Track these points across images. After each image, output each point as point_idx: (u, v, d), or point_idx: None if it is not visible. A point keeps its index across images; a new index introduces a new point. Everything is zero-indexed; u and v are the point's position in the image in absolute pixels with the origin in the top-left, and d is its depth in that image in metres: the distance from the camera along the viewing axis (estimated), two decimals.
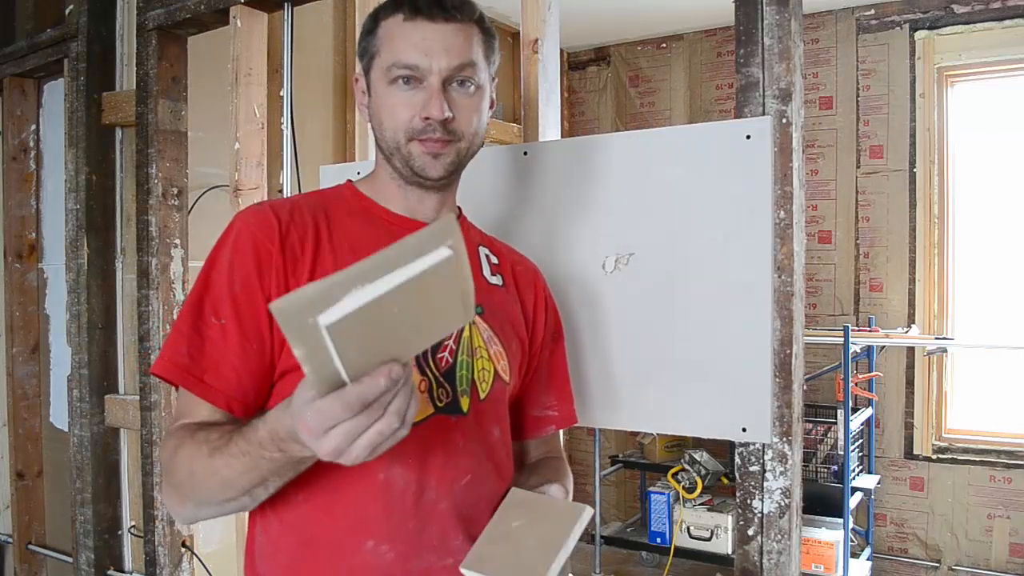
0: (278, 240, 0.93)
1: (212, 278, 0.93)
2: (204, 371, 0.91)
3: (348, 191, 1.06)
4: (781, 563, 1.15)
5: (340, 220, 1.01)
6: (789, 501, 1.15)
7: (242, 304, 0.91)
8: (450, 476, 0.96)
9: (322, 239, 0.97)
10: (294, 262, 0.94)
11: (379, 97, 1.00)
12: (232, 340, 0.91)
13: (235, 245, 0.94)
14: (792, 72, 1.15)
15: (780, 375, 1.15)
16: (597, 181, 1.30)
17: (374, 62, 1.00)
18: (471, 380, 1.00)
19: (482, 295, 1.05)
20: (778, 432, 1.15)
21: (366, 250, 0.91)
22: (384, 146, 1.01)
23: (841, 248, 3.72)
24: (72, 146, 2.29)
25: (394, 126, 0.98)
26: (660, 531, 3.57)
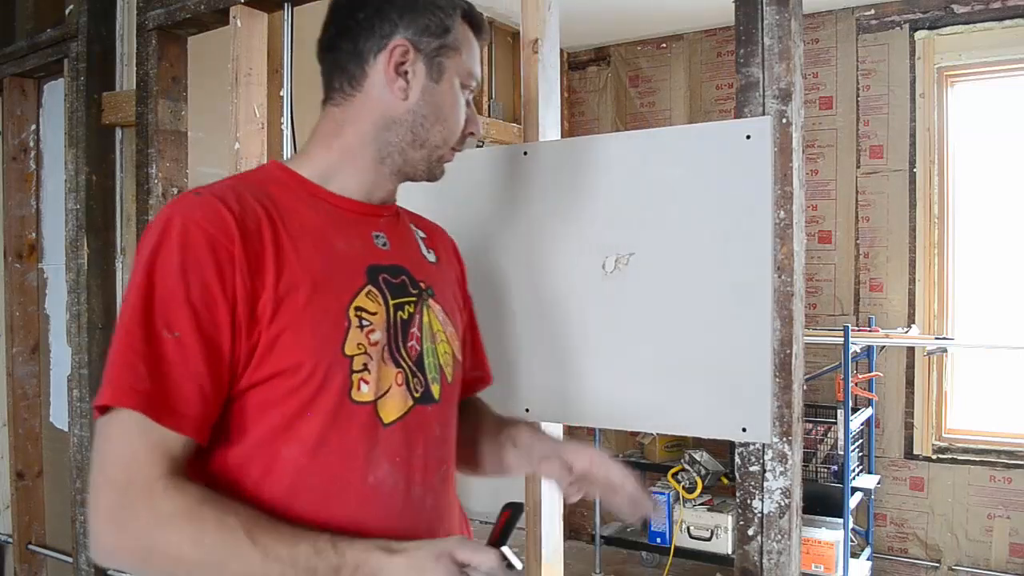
0: (237, 235, 0.83)
1: (158, 284, 0.81)
2: (168, 395, 0.79)
3: (284, 174, 0.96)
4: (781, 563, 1.15)
5: (287, 205, 0.92)
6: (789, 501, 1.15)
7: (201, 313, 0.80)
8: (432, 469, 0.96)
9: (277, 226, 0.88)
10: (257, 259, 0.84)
11: (450, 94, 0.98)
12: (194, 356, 0.80)
13: (184, 244, 0.81)
14: (792, 72, 1.15)
15: (780, 375, 1.15)
16: (597, 181, 1.30)
17: (451, 56, 0.97)
18: (439, 366, 0.99)
19: (429, 276, 1.03)
20: (778, 432, 1.15)
21: (321, 235, 0.91)
22: (418, 138, 0.97)
23: (841, 248, 3.72)
24: (72, 146, 2.29)
25: (453, 129, 0.99)
26: (660, 531, 3.57)
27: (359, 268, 0.93)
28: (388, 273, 0.96)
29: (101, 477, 0.79)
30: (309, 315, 0.86)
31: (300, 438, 0.86)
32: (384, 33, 0.95)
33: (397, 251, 1.00)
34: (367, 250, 0.96)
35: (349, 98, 0.98)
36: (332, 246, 0.92)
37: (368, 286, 0.93)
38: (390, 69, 0.95)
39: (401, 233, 1.04)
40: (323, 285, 0.88)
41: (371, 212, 1.00)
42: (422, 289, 1.00)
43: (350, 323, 0.89)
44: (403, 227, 1.06)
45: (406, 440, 0.92)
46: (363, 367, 0.89)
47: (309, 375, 0.85)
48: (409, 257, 1.02)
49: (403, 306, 0.96)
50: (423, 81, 0.96)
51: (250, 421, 0.86)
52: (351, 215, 0.97)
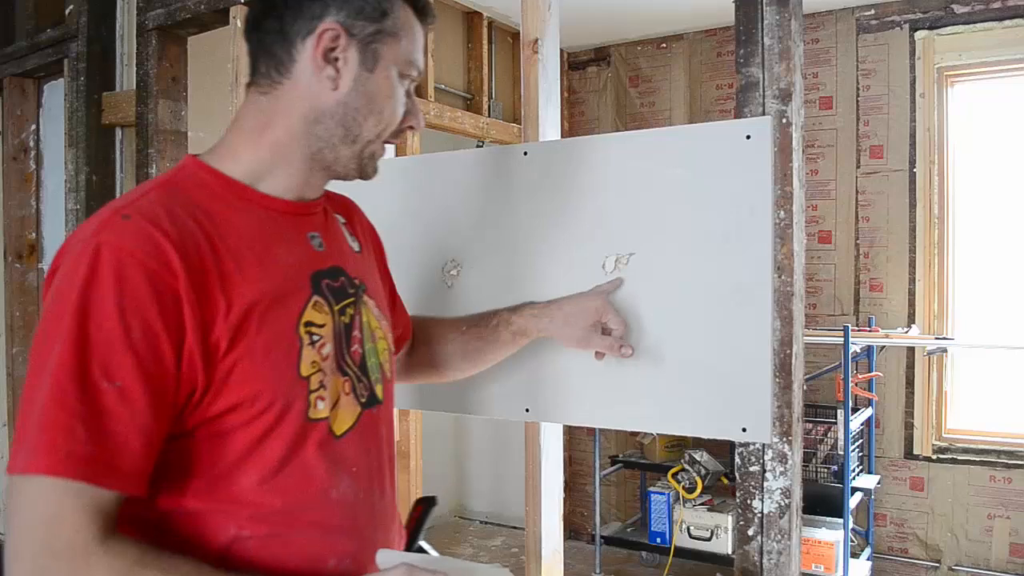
0: (180, 268, 0.75)
1: (93, 330, 0.71)
2: (114, 455, 0.71)
3: (209, 176, 0.87)
4: (781, 563, 1.15)
5: (221, 216, 0.84)
6: (789, 501, 1.15)
7: (145, 357, 0.72)
8: (383, 471, 0.95)
9: (217, 248, 0.80)
10: (204, 290, 0.77)
11: (386, 83, 0.90)
12: (140, 406, 0.72)
13: (120, 281, 0.73)
14: (792, 72, 1.15)
15: (780, 375, 1.15)
16: (597, 181, 1.30)
17: (389, 42, 0.89)
18: (379, 365, 0.97)
19: (359, 269, 0.99)
20: (778, 432, 1.15)
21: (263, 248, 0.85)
22: (349, 130, 0.89)
23: (841, 248, 3.72)
24: (72, 146, 2.29)
25: (389, 121, 0.91)
26: (660, 531, 3.57)
27: (303, 277, 0.88)
28: (329, 277, 0.92)
29: (22, 543, 0.69)
30: (262, 340, 0.81)
31: (260, 465, 0.82)
32: (313, 15, 0.86)
33: (331, 250, 0.95)
34: (307, 255, 0.91)
35: (276, 85, 0.89)
36: (274, 257, 0.86)
37: (314, 297, 0.88)
38: (318, 55, 0.86)
39: (331, 228, 0.98)
40: (271, 304, 0.83)
41: (304, 211, 0.93)
42: (357, 286, 0.96)
43: (302, 342, 0.84)
44: (331, 219, 1.00)
45: (360, 448, 0.90)
46: (319, 385, 0.85)
47: (268, 404, 0.81)
48: (341, 253, 0.97)
49: (344, 310, 0.92)
50: (355, 70, 0.88)
51: (204, 455, 0.80)
52: (286, 217, 0.90)
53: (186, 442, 0.80)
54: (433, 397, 1.44)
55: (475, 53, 3.80)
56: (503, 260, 1.39)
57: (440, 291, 1.43)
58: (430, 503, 1.08)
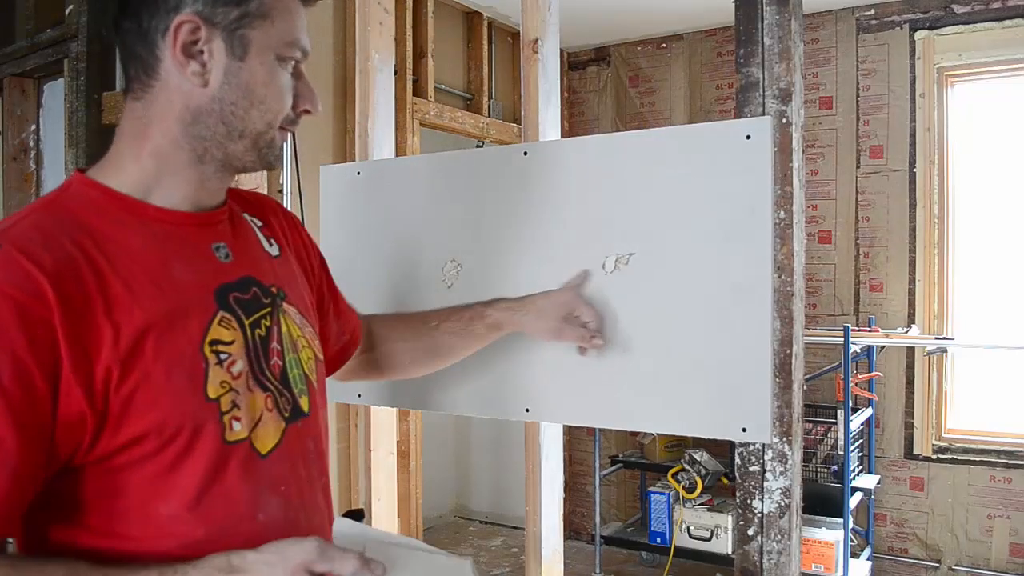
0: (53, 301, 0.70)
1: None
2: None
3: (95, 192, 0.82)
4: (781, 563, 1.15)
5: (108, 236, 0.78)
6: (789, 501, 1.15)
7: (13, 395, 0.68)
8: (312, 485, 0.90)
9: (103, 272, 0.75)
10: (82, 321, 0.71)
11: (262, 70, 0.82)
12: (8, 448, 0.68)
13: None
14: (792, 72, 1.15)
15: (780, 375, 1.15)
16: (597, 181, 1.30)
17: (259, 25, 0.81)
18: (304, 376, 0.91)
19: (277, 276, 0.93)
20: (778, 432, 1.15)
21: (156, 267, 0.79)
22: (235, 126, 0.83)
23: (841, 248, 3.72)
24: (72, 146, 2.29)
25: (276, 109, 0.84)
26: (660, 531, 3.58)
27: (206, 294, 0.82)
28: (238, 290, 0.86)
29: None
30: (161, 366, 0.75)
31: (178, 492, 0.77)
32: (168, 7, 0.79)
33: (241, 259, 0.89)
34: (210, 269, 0.85)
35: (147, 88, 0.83)
36: (171, 275, 0.80)
37: (219, 313, 0.82)
38: (178, 52, 0.80)
39: (240, 234, 0.92)
40: (169, 326, 0.77)
41: (206, 221, 0.87)
42: (274, 295, 0.90)
43: (207, 362, 0.79)
44: (240, 225, 0.93)
45: (288, 465, 0.86)
46: (232, 405, 0.80)
47: (176, 431, 0.76)
48: (253, 261, 0.91)
49: (259, 322, 0.87)
50: (224, 60, 0.81)
51: (115, 487, 0.76)
52: (185, 230, 0.84)
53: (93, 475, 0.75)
54: (433, 397, 1.44)
55: (475, 53, 3.80)
56: (503, 260, 1.39)
57: (440, 291, 1.43)
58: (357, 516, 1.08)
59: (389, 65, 1.70)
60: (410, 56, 3.25)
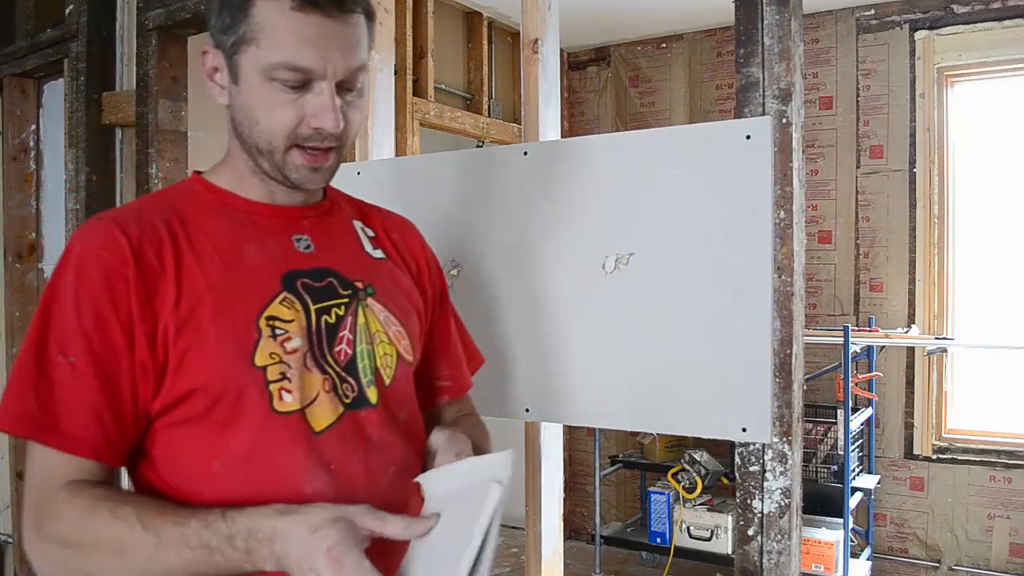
0: (131, 261, 0.83)
1: (54, 312, 0.82)
2: (58, 419, 0.81)
3: (198, 185, 0.96)
4: (781, 563, 1.15)
5: (196, 219, 0.90)
6: (789, 501, 1.15)
7: (95, 339, 0.81)
8: (376, 472, 0.92)
9: (181, 246, 0.87)
10: (153, 280, 0.84)
11: (253, 92, 0.87)
12: (86, 379, 0.81)
13: (79, 271, 0.83)
14: (792, 72, 1.15)
15: (780, 375, 1.15)
16: (597, 181, 1.30)
17: (246, 50, 0.86)
18: (375, 368, 0.94)
19: (370, 273, 0.99)
20: (778, 432, 1.15)
21: (230, 247, 0.89)
22: (251, 144, 0.90)
23: (841, 248, 3.72)
24: (72, 146, 2.29)
25: (273, 129, 0.87)
26: (660, 531, 3.57)
27: (273, 276, 0.90)
28: (309, 277, 0.92)
29: (23, 504, 0.85)
30: (213, 331, 0.84)
31: (228, 454, 0.84)
32: (208, 36, 0.92)
33: (323, 252, 0.96)
34: (284, 256, 0.93)
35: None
36: (242, 256, 0.90)
37: (283, 293, 0.89)
38: (205, 76, 0.93)
39: (333, 232, 1.00)
40: (229, 298, 0.86)
41: (291, 214, 0.96)
42: (358, 289, 0.96)
43: (260, 333, 0.86)
44: (338, 225, 1.01)
45: (342, 448, 0.89)
46: (281, 376, 0.85)
47: (220, 392, 0.83)
48: (340, 257, 0.97)
49: (329, 310, 0.92)
50: (228, 84, 0.90)
51: (175, 441, 0.86)
52: (267, 220, 0.94)
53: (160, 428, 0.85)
54: None
55: (475, 53, 3.80)
56: (503, 260, 1.39)
57: None
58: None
59: (389, 65, 1.70)
60: (410, 56, 3.25)
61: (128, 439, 0.85)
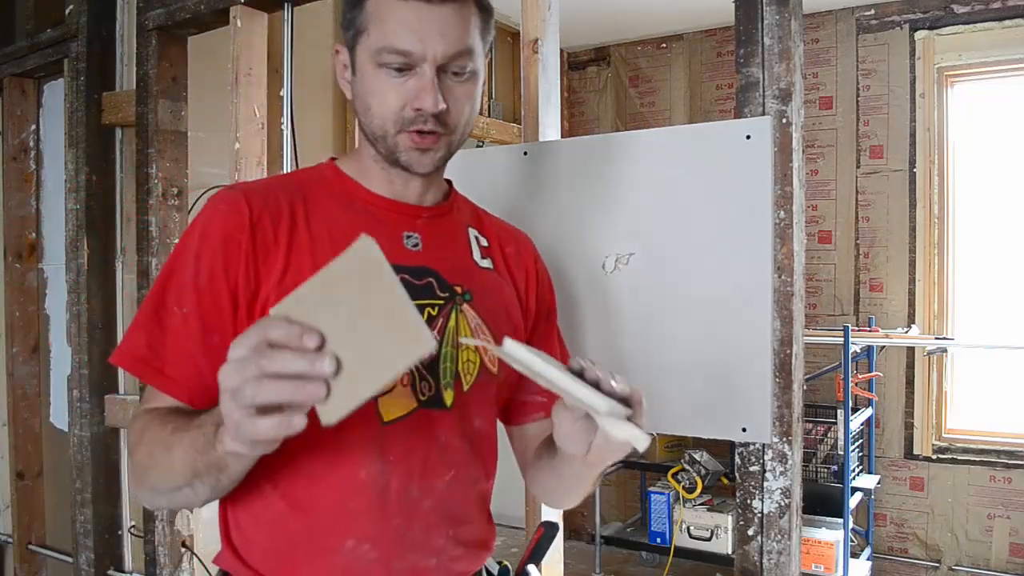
0: (248, 228, 0.88)
1: (177, 266, 0.89)
2: (164, 362, 0.87)
3: (330, 171, 1.01)
4: (781, 563, 1.15)
5: (319, 203, 0.95)
6: (789, 501, 1.15)
7: (205, 294, 0.87)
8: (434, 472, 0.93)
9: (298, 224, 0.92)
10: (265, 250, 0.89)
11: (366, 79, 0.92)
12: (193, 330, 0.87)
13: (203, 232, 0.89)
14: (792, 72, 1.15)
15: (780, 375, 1.15)
16: (597, 181, 1.30)
17: (360, 39, 0.92)
18: (455, 372, 0.95)
19: (473, 280, 1.00)
20: (778, 432, 1.15)
21: (343, 234, 0.91)
22: (369, 131, 0.95)
23: (841, 248, 3.72)
24: (72, 146, 2.29)
25: (383, 113, 0.92)
26: (660, 531, 3.57)
27: None
28: (410, 274, 0.94)
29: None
30: None
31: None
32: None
33: (430, 253, 0.98)
34: (391, 250, 0.89)
35: None
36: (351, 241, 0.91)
37: None
38: (338, 74, 0.99)
39: (444, 234, 1.02)
40: None
41: (407, 212, 0.99)
42: (456, 293, 0.97)
43: None
44: (451, 228, 1.03)
45: (405, 441, 0.90)
46: None
47: None
48: (445, 259, 0.99)
49: (423, 308, 0.93)
50: (347, 73, 0.97)
51: None
52: (384, 214, 0.97)
53: None
54: None
55: None
56: None
57: None
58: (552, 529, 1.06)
59: None
60: None
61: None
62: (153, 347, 0.87)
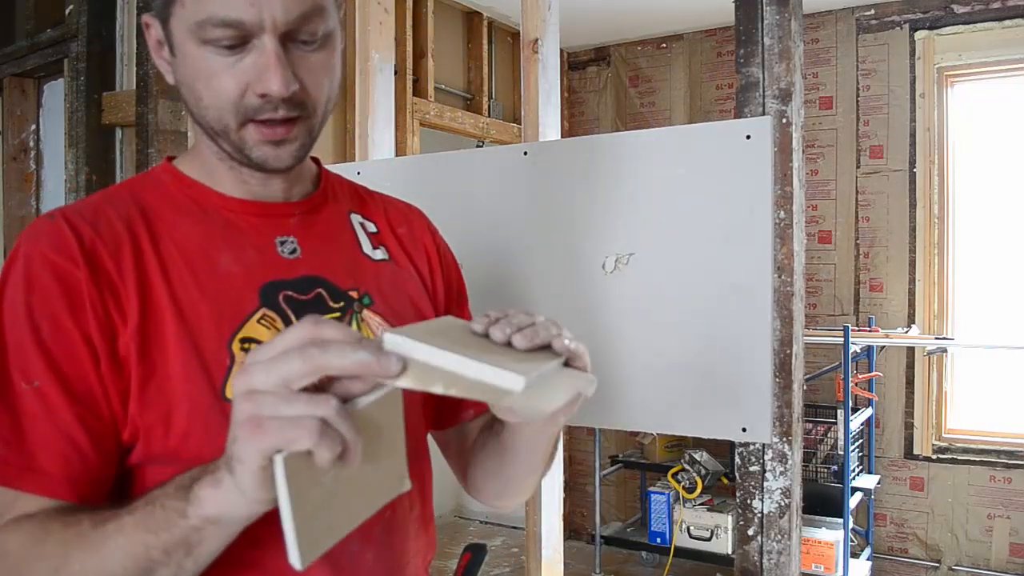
0: (83, 262, 0.69)
1: (6, 329, 0.68)
2: (31, 457, 0.66)
3: (167, 175, 0.80)
4: (781, 563, 1.15)
5: (162, 219, 0.76)
6: (789, 501, 1.15)
7: (56, 354, 0.67)
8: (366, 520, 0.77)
9: (143, 251, 0.73)
10: (111, 288, 0.70)
11: (190, 61, 0.71)
12: (58, 405, 0.66)
13: (27, 277, 0.68)
14: (792, 72, 1.15)
15: (780, 375, 1.15)
16: (597, 181, 1.30)
17: (174, 9, 0.71)
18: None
19: (368, 279, 0.84)
20: (778, 432, 1.15)
21: (200, 254, 0.75)
22: (206, 125, 0.74)
23: (841, 248, 3.72)
24: (72, 146, 2.29)
25: (218, 105, 0.71)
26: (660, 531, 3.58)
27: (250, 289, 0.75)
28: (294, 289, 0.78)
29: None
30: (178, 356, 0.70)
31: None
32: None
33: (312, 257, 0.81)
34: (264, 264, 0.77)
35: None
36: (214, 266, 0.75)
37: (261, 310, 0.75)
38: (152, 53, 0.77)
39: (324, 231, 0.84)
40: (196, 317, 0.72)
41: (273, 212, 0.81)
42: (352, 300, 0.81)
43: (234, 359, 0.71)
44: (331, 222, 0.86)
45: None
46: None
47: (185, 427, 0.69)
48: (332, 262, 0.82)
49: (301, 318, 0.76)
50: (169, 57, 0.75)
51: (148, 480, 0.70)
52: (245, 219, 0.79)
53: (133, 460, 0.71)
54: None
55: (475, 53, 3.80)
56: (503, 260, 1.39)
57: None
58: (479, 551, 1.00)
59: (389, 65, 1.70)
60: (410, 56, 3.25)
61: (111, 466, 0.70)
62: (9, 441, 0.66)
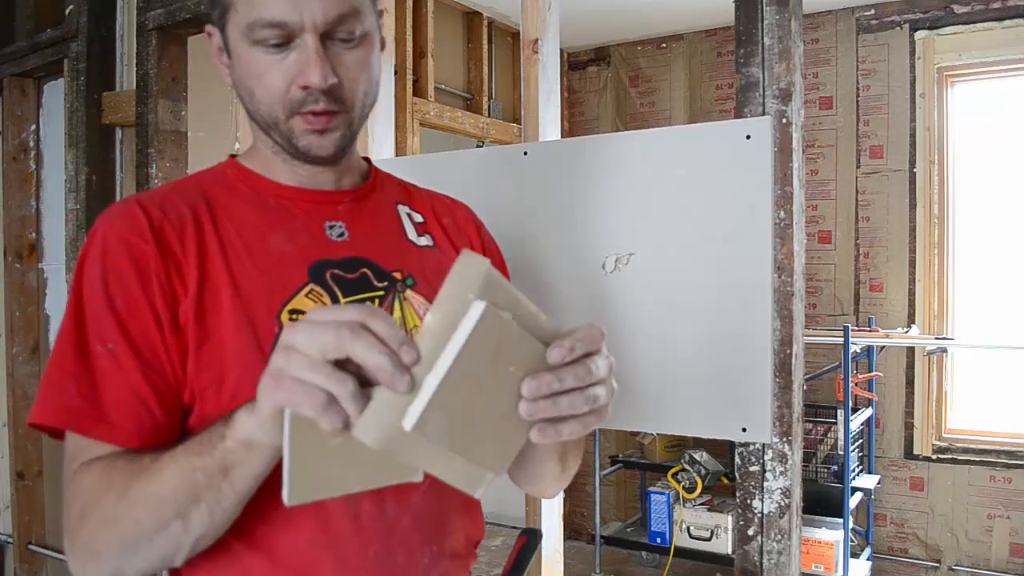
0: (152, 240, 0.79)
1: (85, 298, 0.77)
2: (104, 410, 0.75)
3: (231, 169, 0.90)
4: (781, 563, 1.15)
5: (224, 205, 0.85)
6: (789, 501, 1.15)
7: (128, 322, 0.76)
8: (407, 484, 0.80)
9: (205, 232, 0.82)
10: (176, 265, 0.79)
11: (243, 62, 0.81)
12: (128, 365, 0.76)
13: (104, 252, 0.78)
14: (792, 72, 1.15)
15: (780, 375, 1.15)
16: (597, 181, 1.30)
17: (229, 17, 0.81)
18: None
19: (412, 262, 0.91)
20: (778, 432, 1.15)
21: (257, 236, 0.84)
22: (260, 120, 0.84)
23: (841, 248, 3.72)
24: (72, 146, 2.29)
25: (269, 99, 0.81)
26: (660, 531, 3.57)
27: (299, 266, 0.84)
28: (340, 268, 0.86)
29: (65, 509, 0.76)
30: (231, 324, 0.78)
31: None
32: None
33: (359, 241, 0.89)
34: (314, 244, 0.86)
35: None
36: (267, 245, 0.84)
37: (309, 285, 0.83)
38: (214, 59, 0.88)
39: (371, 218, 0.92)
40: (250, 290, 0.80)
41: (324, 199, 0.89)
42: (395, 280, 0.88)
43: (282, 328, 0.77)
44: (378, 210, 0.94)
45: None
46: None
47: (235, 389, 0.76)
48: (378, 245, 0.90)
49: (361, 303, 0.83)
50: (227, 61, 0.85)
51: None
52: (298, 205, 0.88)
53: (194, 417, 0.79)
54: None
55: (475, 53, 3.80)
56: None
57: None
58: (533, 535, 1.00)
59: (389, 65, 1.70)
60: (410, 56, 3.25)
61: (176, 424, 0.79)
62: (86, 395, 0.75)
